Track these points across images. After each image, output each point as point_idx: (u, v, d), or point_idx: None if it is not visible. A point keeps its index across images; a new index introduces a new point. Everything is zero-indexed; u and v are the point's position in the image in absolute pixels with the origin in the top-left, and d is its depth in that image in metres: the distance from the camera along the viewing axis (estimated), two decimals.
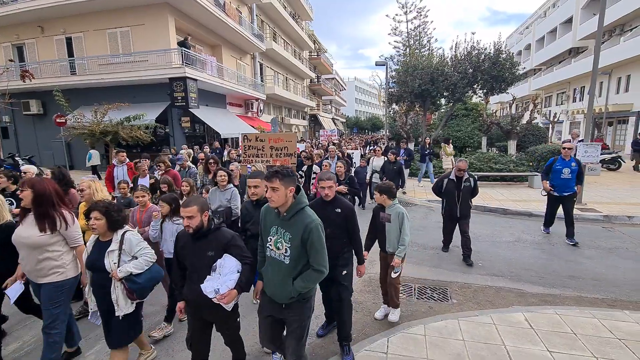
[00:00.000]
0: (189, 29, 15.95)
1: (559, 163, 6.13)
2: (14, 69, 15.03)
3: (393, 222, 3.55)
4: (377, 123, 61.90)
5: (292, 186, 2.20)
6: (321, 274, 2.23)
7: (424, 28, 27.78)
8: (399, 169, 8.16)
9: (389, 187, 3.59)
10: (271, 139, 6.53)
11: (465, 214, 5.25)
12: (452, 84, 13.99)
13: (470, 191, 5.21)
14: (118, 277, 2.49)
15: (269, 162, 6.48)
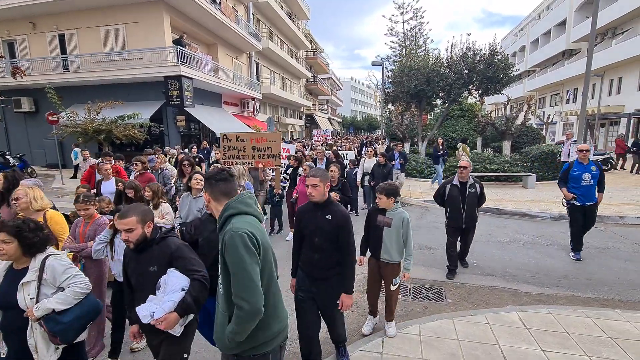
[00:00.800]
0: (185, 27, 15.84)
1: (577, 168, 5.26)
2: (4, 65, 14.81)
3: (394, 227, 3.20)
4: (374, 123, 62.00)
5: None
6: (243, 312, 1.54)
7: (420, 29, 27.91)
8: (388, 172, 7.52)
9: (395, 189, 3.23)
10: (253, 139, 5.96)
11: (471, 226, 4.68)
12: (448, 85, 14.04)
13: (476, 198, 4.63)
14: (34, 317, 1.95)
15: (251, 164, 5.93)
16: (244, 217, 1.69)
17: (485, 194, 4.73)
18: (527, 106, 14.69)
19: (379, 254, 3.28)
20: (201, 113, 15.51)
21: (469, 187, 4.60)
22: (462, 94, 15.30)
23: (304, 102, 34.32)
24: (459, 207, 4.59)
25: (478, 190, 4.63)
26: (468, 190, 4.58)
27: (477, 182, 4.69)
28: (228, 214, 1.69)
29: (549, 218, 7.77)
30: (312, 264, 2.66)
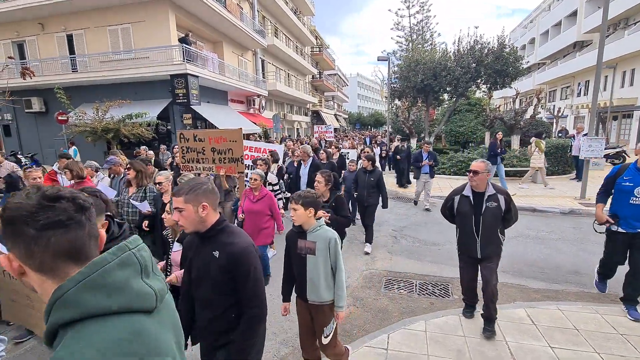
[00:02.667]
0: (190, 26, 15.89)
1: (630, 176, 3.47)
2: (14, 66, 15.05)
3: (319, 253, 2.37)
4: (380, 119, 61.67)
5: None
6: None
7: (426, 23, 27.60)
8: (376, 181, 5.53)
9: (313, 198, 2.40)
10: (212, 139, 4.91)
11: (490, 253, 3.20)
12: (455, 79, 13.87)
13: (499, 216, 3.13)
14: None
15: (212, 170, 4.99)
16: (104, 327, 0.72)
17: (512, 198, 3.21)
18: (537, 99, 14.42)
19: (305, 293, 2.46)
20: (207, 111, 15.59)
21: (487, 199, 3.13)
22: (470, 88, 15.10)
23: (309, 98, 34.24)
24: (471, 229, 3.18)
25: (502, 204, 3.11)
26: (485, 204, 3.13)
27: (502, 193, 3.17)
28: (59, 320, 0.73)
29: (559, 213, 7.64)
30: (205, 328, 1.86)
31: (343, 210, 3.86)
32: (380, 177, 5.60)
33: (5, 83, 10.10)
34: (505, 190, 3.23)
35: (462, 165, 12.06)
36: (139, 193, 4.05)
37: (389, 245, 5.86)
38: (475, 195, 3.21)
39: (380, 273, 4.77)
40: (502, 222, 3.20)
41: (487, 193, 3.16)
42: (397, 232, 6.60)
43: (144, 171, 4.18)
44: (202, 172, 5.01)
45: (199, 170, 5.01)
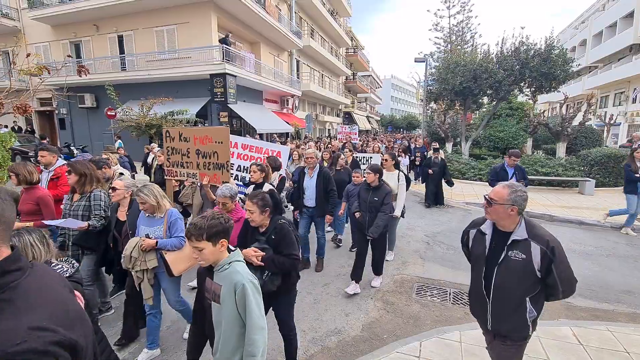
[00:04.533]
0: (230, 27, 16.42)
1: None
2: (71, 64, 16.30)
3: (224, 302, 1.76)
4: (413, 122, 60.32)
5: None
6: None
7: (467, 23, 26.66)
8: (381, 200, 4.11)
9: (221, 226, 1.76)
10: (197, 138, 4.12)
11: (505, 331, 2.10)
12: (497, 82, 13.24)
13: (525, 275, 1.96)
14: None
15: (196, 177, 4.18)
16: None
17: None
18: (587, 105, 13.45)
19: (214, 355, 1.89)
20: (243, 109, 16.03)
21: (510, 246, 1.99)
22: (512, 91, 14.37)
23: (342, 99, 34.21)
24: (480, 284, 2.13)
25: (536, 259, 1.92)
26: (506, 252, 2.00)
27: (540, 242, 1.93)
28: None
29: (610, 228, 7.06)
30: None
31: (287, 245, 2.51)
32: (387, 196, 4.15)
33: (63, 80, 10.94)
34: (548, 239, 1.91)
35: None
36: (82, 201, 3.24)
37: (421, 251, 5.70)
38: (496, 234, 2.07)
39: (412, 279, 4.65)
40: (535, 287, 1.97)
41: (513, 236, 1.97)
42: (429, 237, 6.40)
43: (89, 174, 3.31)
44: (186, 180, 4.28)
45: (182, 176, 4.29)
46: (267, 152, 5.58)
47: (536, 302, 2.03)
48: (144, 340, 3.13)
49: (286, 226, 2.58)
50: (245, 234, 2.75)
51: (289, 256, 2.50)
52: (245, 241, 2.65)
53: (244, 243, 2.62)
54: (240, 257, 1.90)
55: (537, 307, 2.04)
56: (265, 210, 2.50)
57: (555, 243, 1.92)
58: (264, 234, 2.58)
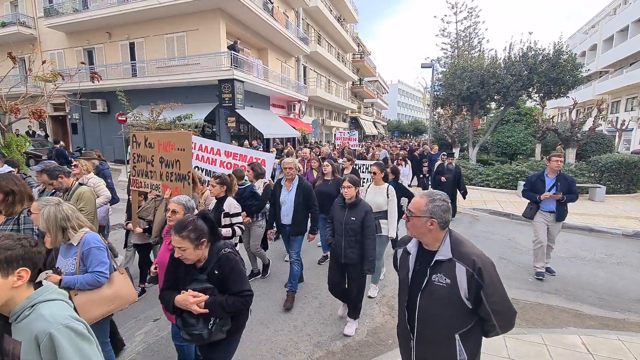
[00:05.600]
0: (239, 33, 16.65)
1: None
2: (84, 71, 16.69)
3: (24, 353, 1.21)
4: (420, 127, 60.14)
5: None
6: None
7: (474, 29, 26.62)
8: (361, 223, 3.33)
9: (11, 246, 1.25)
10: (161, 144, 3.52)
11: None
12: (505, 87, 13.19)
13: (451, 304, 1.60)
14: None
15: (159, 189, 3.58)
16: None
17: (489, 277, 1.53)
18: (598, 110, 13.30)
19: None
20: (250, 115, 16.18)
21: (433, 268, 1.64)
22: (521, 96, 14.28)
23: (349, 104, 34.30)
24: (403, 314, 1.80)
25: (462, 284, 1.56)
26: (431, 275, 1.64)
27: (466, 262, 1.56)
28: None
29: (621, 235, 6.94)
30: None
31: (235, 280, 1.98)
32: (368, 216, 3.34)
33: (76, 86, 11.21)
34: (474, 258, 1.54)
35: (509, 177, 11.41)
36: (8, 225, 2.66)
37: None
38: (421, 253, 1.73)
39: None
40: (466, 321, 1.60)
41: (436, 255, 1.63)
42: None
43: (19, 192, 2.72)
44: (150, 192, 3.73)
45: (146, 187, 3.70)
46: (250, 159, 5.34)
47: (467, 339, 1.60)
48: None
49: (232, 257, 2.00)
50: (175, 271, 2.05)
51: (241, 294, 1.96)
52: (176, 281, 2.02)
53: (175, 283, 2.02)
54: (51, 294, 1.30)
55: (469, 346, 1.60)
56: (201, 242, 1.92)
57: (483, 263, 1.53)
58: (203, 269, 1.98)
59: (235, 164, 5.30)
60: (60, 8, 17.36)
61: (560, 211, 4.67)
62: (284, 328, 3.54)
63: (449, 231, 1.69)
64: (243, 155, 5.48)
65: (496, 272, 1.56)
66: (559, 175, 4.69)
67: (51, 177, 3.55)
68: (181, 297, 1.90)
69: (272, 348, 3.20)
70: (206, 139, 5.44)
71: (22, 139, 8.44)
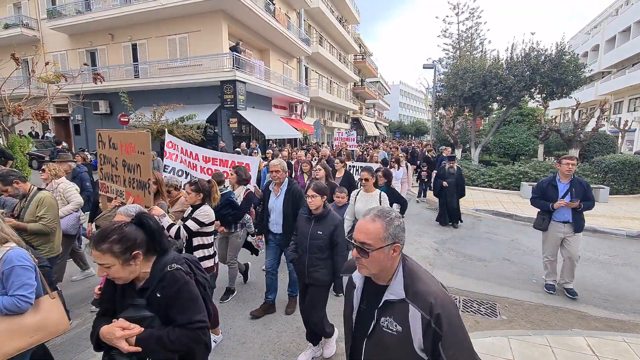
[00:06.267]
0: (241, 34, 16.69)
1: None
2: (87, 72, 16.77)
3: None
4: (422, 128, 60.11)
5: None
6: None
7: (476, 29, 26.58)
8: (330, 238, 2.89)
9: None
10: (123, 145, 3.14)
11: None
12: (507, 88, 13.15)
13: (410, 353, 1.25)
14: None
15: (123, 195, 3.24)
16: None
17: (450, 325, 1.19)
18: (601, 111, 13.24)
19: None
20: (252, 116, 16.21)
21: (382, 309, 1.31)
22: (523, 97, 14.24)
23: (350, 105, 34.31)
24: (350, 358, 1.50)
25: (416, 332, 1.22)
26: (379, 319, 1.31)
27: (422, 307, 1.21)
28: None
29: (625, 236, 6.90)
30: None
31: (182, 307, 1.50)
32: (338, 230, 2.89)
33: (79, 87, 11.26)
34: (432, 301, 1.21)
35: (512, 178, 11.38)
36: None
37: (430, 258, 5.66)
38: (368, 287, 1.41)
39: None
40: None
41: (386, 294, 1.30)
42: (439, 244, 6.35)
43: None
44: (115, 198, 3.29)
45: (112, 192, 3.34)
46: (232, 164, 4.96)
47: None
48: None
49: (179, 275, 1.50)
50: (113, 292, 1.57)
51: (189, 326, 1.47)
52: (112, 305, 1.56)
53: (112, 308, 1.55)
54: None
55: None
56: (133, 255, 1.44)
57: (443, 305, 1.20)
58: (142, 291, 1.50)
59: (216, 169, 4.94)
60: (63, 10, 17.46)
61: (578, 220, 4.11)
62: (287, 329, 3.52)
63: (402, 258, 1.34)
64: (224, 160, 5.07)
65: (459, 316, 1.24)
66: (572, 179, 4.18)
67: (5, 183, 3.16)
68: (106, 329, 1.40)
69: (274, 349, 3.19)
70: (186, 143, 5.17)
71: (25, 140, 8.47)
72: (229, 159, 5.15)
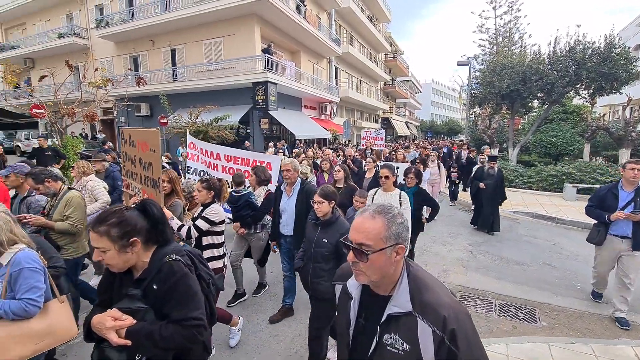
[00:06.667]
0: (272, 37, 17.04)
1: None
2: (130, 77, 17.87)
3: None
4: (455, 127, 58.16)
5: None
6: None
7: (515, 23, 25.31)
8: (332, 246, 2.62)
9: None
10: (140, 143, 2.98)
11: None
12: (549, 84, 12.44)
13: None
14: None
15: (139, 192, 3.08)
16: None
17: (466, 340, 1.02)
18: None
19: None
20: (282, 116, 16.49)
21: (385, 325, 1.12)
22: (567, 93, 13.41)
23: (380, 105, 33.91)
24: None
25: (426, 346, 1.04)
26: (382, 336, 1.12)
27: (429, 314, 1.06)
28: None
29: None
30: None
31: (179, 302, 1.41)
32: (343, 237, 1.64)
33: (124, 91, 12.03)
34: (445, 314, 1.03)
35: (554, 179, 10.75)
36: None
37: (463, 260, 5.49)
38: (367, 298, 1.22)
39: (454, 287, 4.49)
40: None
41: (389, 307, 1.12)
42: (473, 246, 6.14)
43: None
44: (134, 195, 3.17)
45: (132, 190, 3.24)
46: (254, 163, 4.81)
47: None
48: None
49: (177, 267, 1.42)
50: (111, 282, 1.50)
51: (183, 322, 1.37)
52: (109, 295, 1.49)
53: (109, 298, 1.49)
54: None
55: None
56: (130, 242, 1.37)
57: (457, 318, 1.04)
58: (139, 281, 1.42)
59: (237, 169, 4.79)
60: (110, 19, 18.72)
61: (638, 237, 3.48)
62: None
63: (406, 263, 1.16)
64: (245, 159, 4.92)
65: (476, 331, 1.08)
66: (638, 188, 3.54)
67: (37, 182, 3.22)
68: (97, 318, 1.31)
69: (305, 344, 3.25)
70: (207, 143, 5.07)
71: (76, 140, 9.17)
72: (250, 158, 5.01)
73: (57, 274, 2.28)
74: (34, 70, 23.22)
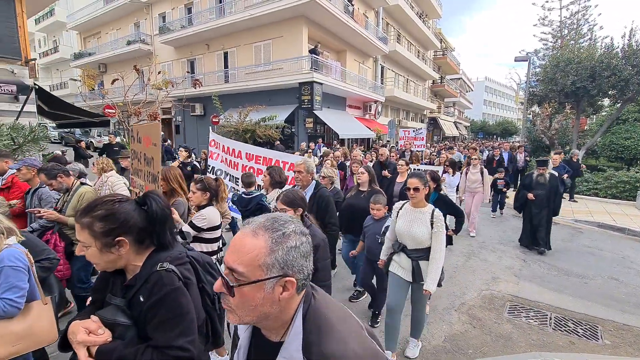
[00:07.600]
0: (319, 37, 17.26)
1: None
2: (187, 79, 19.18)
3: None
4: (510, 128, 54.35)
5: None
6: None
7: (583, 14, 22.99)
8: None
9: None
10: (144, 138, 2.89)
11: None
12: (623, 80, 11.17)
13: None
14: None
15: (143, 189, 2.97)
16: None
17: None
18: None
19: None
20: (327, 115, 16.64)
21: None
22: None
23: (427, 104, 32.75)
24: None
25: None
26: None
27: None
28: None
29: None
30: None
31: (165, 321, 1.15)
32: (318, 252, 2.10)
33: (181, 92, 13.00)
34: None
35: (626, 186, 9.67)
36: None
37: (515, 268, 5.17)
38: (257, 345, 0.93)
39: (504, 296, 4.26)
40: None
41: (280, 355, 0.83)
42: (526, 255, 5.75)
43: None
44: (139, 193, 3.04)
45: (137, 188, 3.13)
46: (277, 163, 4.43)
47: None
48: None
49: (169, 279, 1.17)
50: (106, 281, 1.30)
51: (166, 351, 1.11)
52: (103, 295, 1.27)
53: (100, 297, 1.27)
54: None
55: None
56: (116, 241, 1.16)
57: None
58: (127, 288, 1.21)
59: (259, 168, 4.43)
60: (171, 26, 20.25)
61: None
62: None
63: (305, 298, 0.86)
64: (267, 159, 4.53)
65: None
66: None
67: (49, 177, 3.18)
68: (73, 327, 1.12)
69: None
70: (228, 139, 4.84)
71: None
72: (273, 157, 4.56)
73: (52, 266, 2.25)
74: (106, 74, 25.86)
